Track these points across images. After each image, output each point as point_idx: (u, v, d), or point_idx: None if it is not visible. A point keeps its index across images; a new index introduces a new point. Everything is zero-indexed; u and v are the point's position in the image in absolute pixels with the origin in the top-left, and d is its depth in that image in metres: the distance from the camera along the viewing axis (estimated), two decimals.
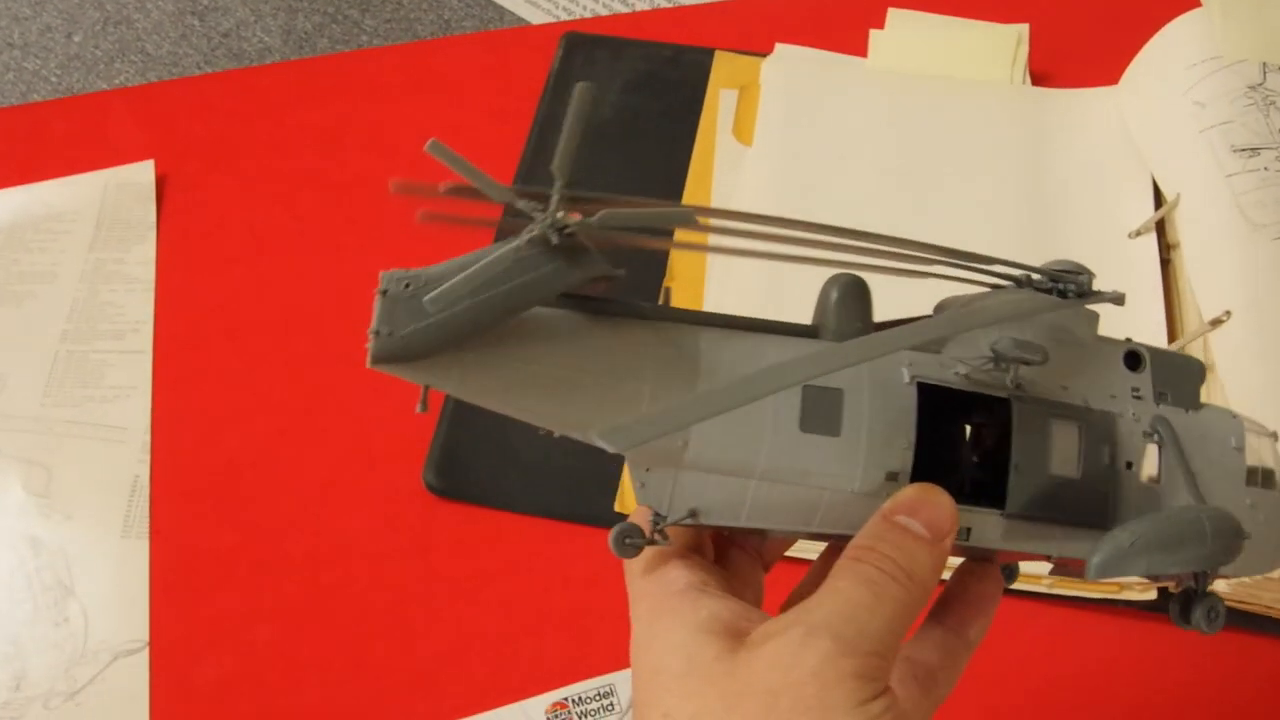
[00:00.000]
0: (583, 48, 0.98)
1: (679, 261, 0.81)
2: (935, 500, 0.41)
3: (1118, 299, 0.43)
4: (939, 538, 0.41)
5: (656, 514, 0.40)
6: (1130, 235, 0.81)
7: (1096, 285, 0.45)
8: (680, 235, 0.39)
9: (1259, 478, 0.46)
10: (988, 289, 0.44)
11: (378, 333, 0.37)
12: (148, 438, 0.76)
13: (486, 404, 0.39)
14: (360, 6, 2.53)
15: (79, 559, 0.71)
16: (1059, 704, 0.68)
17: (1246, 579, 0.64)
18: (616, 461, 0.64)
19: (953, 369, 0.41)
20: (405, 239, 0.85)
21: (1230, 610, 0.65)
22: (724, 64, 0.95)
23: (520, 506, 0.74)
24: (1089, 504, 0.42)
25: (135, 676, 0.67)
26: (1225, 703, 0.67)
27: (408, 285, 0.37)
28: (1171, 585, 0.47)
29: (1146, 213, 0.81)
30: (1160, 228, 0.81)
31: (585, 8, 2.32)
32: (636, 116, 0.93)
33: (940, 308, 0.45)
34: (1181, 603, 0.44)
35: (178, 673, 0.68)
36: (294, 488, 0.75)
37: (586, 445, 0.39)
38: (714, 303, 0.79)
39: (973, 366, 0.41)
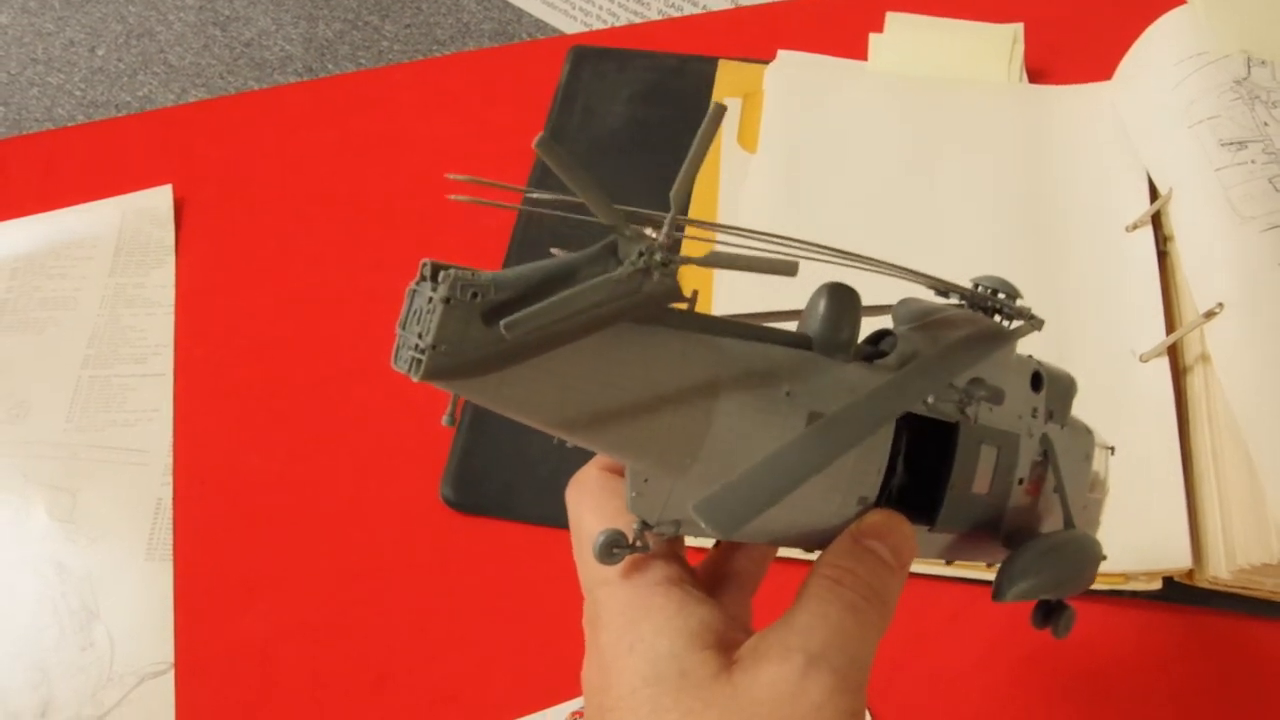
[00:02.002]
0: (589, 60, 0.99)
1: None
2: (901, 529, 0.43)
3: (1039, 325, 0.44)
4: (903, 566, 0.42)
5: (643, 522, 0.40)
6: (1127, 229, 0.82)
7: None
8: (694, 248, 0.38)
9: (1091, 484, 0.50)
10: (940, 293, 0.45)
11: (435, 347, 0.33)
12: (170, 460, 0.77)
13: (532, 422, 0.37)
14: (380, 13, 2.55)
15: (104, 583, 0.72)
16: (1072, 693, 0.69)
17: (1246, 565, 0.65)
18: None
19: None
20: (420, 253, 0.86)
21: (1232, 596, 0.68)
22: (727, 72, 0.97)
23: (537, 518, 0.75)
24: (990, 517, 0.45)
25: (161, 699, 0.69)
26: (1231, 687, 0.68)
27: (475, 295, 0.33)
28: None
29: (1142, 206, 0.82)
30: (1156, 221, 0.82)
31: (601, 7, 2.33)
32: (643, 127, 0.94)
33: (903, 304, 0.45)
34: (1044, 612, 0.46)
35: (204, 694, 0.69)
36: (314, 506, 0.76)
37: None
38: (723, 305, 0.80)
39: (938, 398, 0.42)
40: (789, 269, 0.36)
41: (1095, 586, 0.69)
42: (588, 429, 0.37)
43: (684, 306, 0.38)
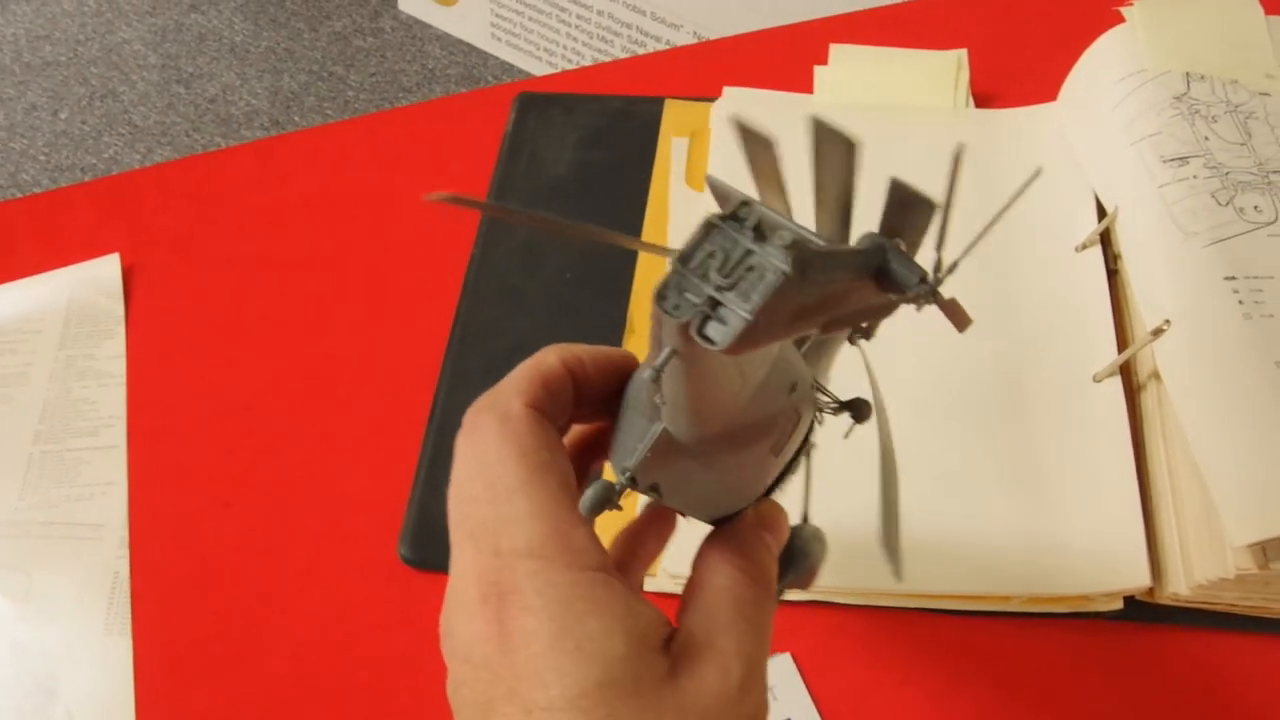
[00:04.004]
0: (536, 106, 0.99)
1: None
2: (785, 523, 0.43)
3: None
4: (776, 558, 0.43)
5: (631, 478, 0.38)
6: (1077, 249, 0.82)
7: None
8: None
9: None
10: None
11: (755, 319, 0.30)
12: (125, 533, 0.77)
13: (686, 401, 0.36)
14: (344, 63, 2.55)
15: (62, 661, 0.72)
16: (1039, 717, 0.68)
17: (1204, 581, 0.65)
18: None
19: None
20: (374, 311, 0.86)
21: (1194, 611, 0.69)
22: (674, 112, 0.96)
23: None
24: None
25: None
26: (1196, 701, 0.68)
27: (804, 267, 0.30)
28: None
29: (1091, 225, 0.82)
30: (1106, 239, 0.82)
31: (566, 48, 2.34)
32: (591, 171, 0.94)
33: None
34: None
35: None
36: (273, 573, 0.75)
37: None
38: None
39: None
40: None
41: (1057, 610, 0.70)
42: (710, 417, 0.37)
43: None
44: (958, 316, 0.37)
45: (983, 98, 0.95)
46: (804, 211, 0.36)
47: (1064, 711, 0.68)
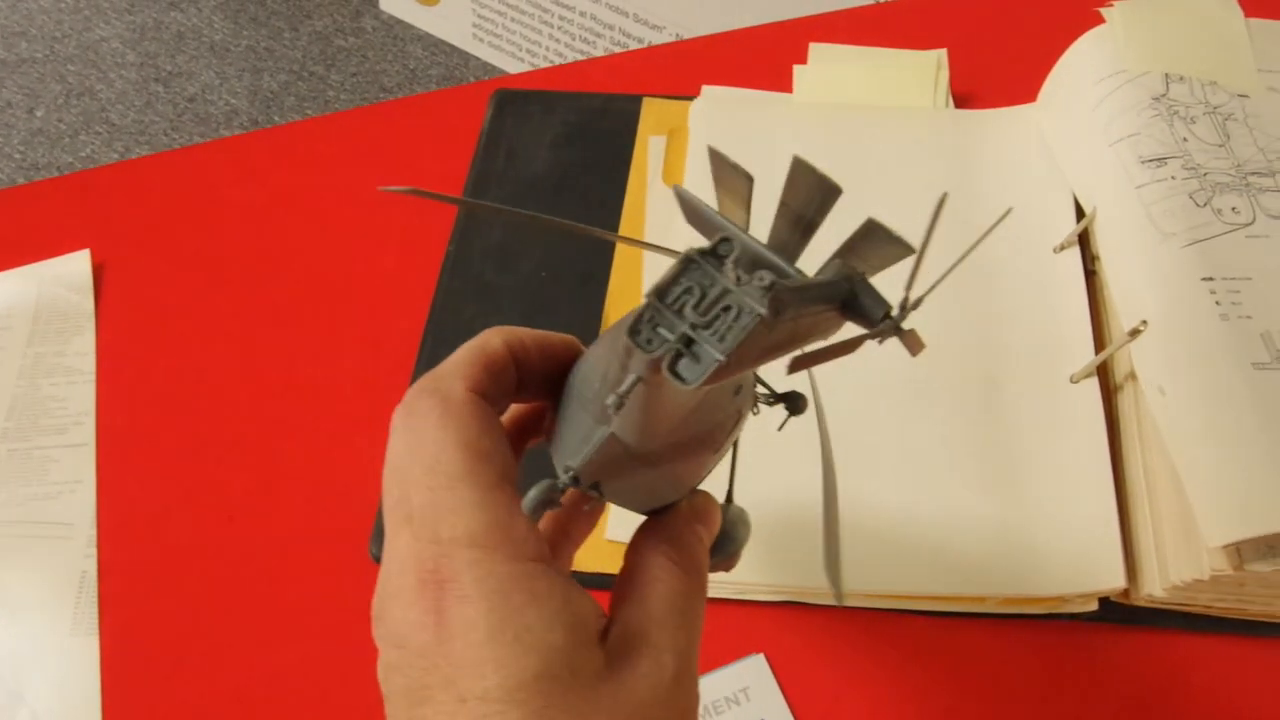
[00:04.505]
0: (513, 104, 0.98)
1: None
2: (717, 515, 0.43)
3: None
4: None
5: (574, 477, 0.38)
6: (1055, 250, 0.82)
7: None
8: None
9: None
10: None
11: (725, 361, 0.30)
12: (93, 532, 0.76)
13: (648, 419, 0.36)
14: (325, 63, 2.54)
15: (27, 662, 0.71)
16: (1010, 718, 0.68)
17: (1179, 582, 0.65)
18: None
19: None
20: (347, 309, 0.86)
21: (1169, 613, 0.68)
22: (652, 110, 0.96)
23: None
24: None
25: None
26: (1171, 702, 0.68)
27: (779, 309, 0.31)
28: None
29: (1069, 226, 0.82)
30: (1084, 240, 0.82)
31: (548, 49, 2.34)
32: (568, 168, 0.94)
33: None
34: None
35: None
36: (243, 571, 0.75)
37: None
38: None
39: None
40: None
41: (1032, 611, 0.69)
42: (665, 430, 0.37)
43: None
44: (914, 345, 0.37)
45: (962, 98, 0.95)
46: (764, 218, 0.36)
47: (1038, 713, 0.68)
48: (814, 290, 0.34)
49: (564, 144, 0.95)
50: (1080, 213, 0.83)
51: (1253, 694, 0.68)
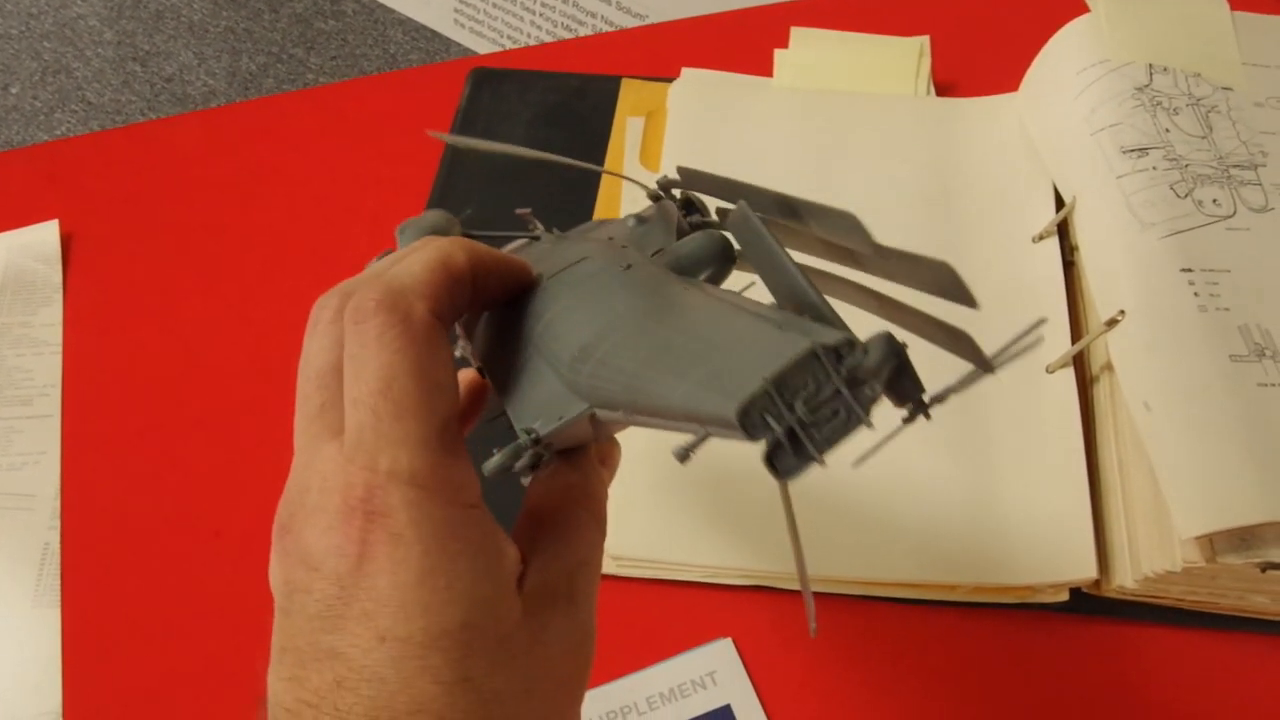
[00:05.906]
0: (490, 82, 0.97)
1: None
2: (617, 456, 0.45)
3: None
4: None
5: (536, 438, 0.37)
6: (1034, 239, 0.81)
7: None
8: None
9: None
10: None
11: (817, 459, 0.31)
12: (57, 504, 0.75)
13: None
14: (305, 45, 2.53)
15: None
16: (981, 707, 0.68)
17: (1151, 574, 0.64)
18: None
19: None
20: (319, 285, 0.85)
21: (1139, 605, 0.68)
22: (630, 91, 0.95)
23: None
24: None
25: None
26: (1139, 695, 0.68)
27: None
28: None
29: (1048, 216, 0.82)
30: (1063, 230, 0.81)
31: (529, 35, 2.33)
32: (545, 148, 0.92)
33: None
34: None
35: None
36: (207, 547, 0.74)
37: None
38: None
39: None
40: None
41: (1003, 600, 0.69)
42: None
43: None
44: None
45: (944, 86, 0.95)
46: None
47: (1007, 702, 0.67)
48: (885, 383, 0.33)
49: (541, 123, 0.95)
50: (1060, 202, 0.82)
51: (1220, 689, 0.68)
